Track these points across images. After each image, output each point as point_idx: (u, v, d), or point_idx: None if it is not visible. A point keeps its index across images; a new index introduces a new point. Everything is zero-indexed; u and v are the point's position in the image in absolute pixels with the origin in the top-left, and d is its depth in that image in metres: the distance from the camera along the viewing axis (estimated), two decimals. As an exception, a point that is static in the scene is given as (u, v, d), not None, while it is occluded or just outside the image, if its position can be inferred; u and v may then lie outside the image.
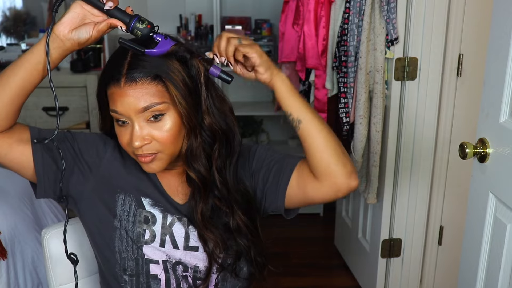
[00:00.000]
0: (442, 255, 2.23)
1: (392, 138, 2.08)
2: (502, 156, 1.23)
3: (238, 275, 1.10)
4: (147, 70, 0.95)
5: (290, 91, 1.00)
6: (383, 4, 1.93)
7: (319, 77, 2.24)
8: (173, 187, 1.11)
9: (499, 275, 1.26)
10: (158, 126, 0.97)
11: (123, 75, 0.95)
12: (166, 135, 0.98)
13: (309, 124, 1.00)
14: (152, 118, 0.97)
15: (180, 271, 1.08)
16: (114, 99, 0.96)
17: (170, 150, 1.00)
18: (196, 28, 3.29)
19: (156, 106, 0.96)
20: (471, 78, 1.99)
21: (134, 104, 0.95)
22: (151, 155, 0.99)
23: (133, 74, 0.95)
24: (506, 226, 1.23)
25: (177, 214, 1.09)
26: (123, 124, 0.99)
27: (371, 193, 2.14)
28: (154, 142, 0.98)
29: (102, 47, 3.13)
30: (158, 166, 1.01)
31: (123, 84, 0.95)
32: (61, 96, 2.91)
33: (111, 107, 0.98)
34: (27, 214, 1.86)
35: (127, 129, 0.98)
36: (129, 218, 1.07)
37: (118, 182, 1.08)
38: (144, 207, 1.08)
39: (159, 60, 0.96)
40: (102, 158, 1.08)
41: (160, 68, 0.96)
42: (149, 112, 0.96)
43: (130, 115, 0.96)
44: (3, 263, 1.69)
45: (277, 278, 2.51)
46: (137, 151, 0.98)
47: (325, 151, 0.99)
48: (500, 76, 1.22)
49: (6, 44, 3.34)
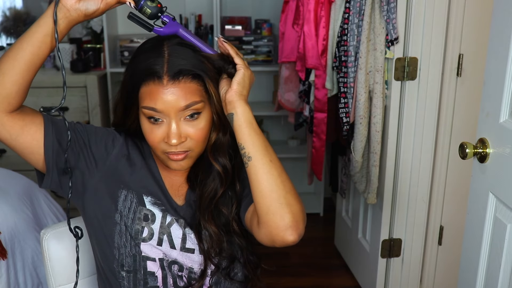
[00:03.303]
0: (442, 255, 2.23)
1: (392, 138, 2.08)
2: (502, 156, 1.23)
3: (232, 278, 1.11)
4: (188, 69, 0.97)
5: (249, 124, 0.96)
6: (383, 4, 1.93)
7: (319, 77, 2.24)
8: (175, 187, 1.12)
9: (499, 275, 1.26)
10: (193, 124, 0.99)
11: (165, 73, 0.95)
12: (200, 133, 1.00)
13: (257, 165, 0.94)
14: (188, 117, 0.99)
15: (176, 270, 1.09)
16: (153, 96, 0.96)
17: (200, 148, 1.03)
18: (196, 28, 3.29)
19: (196, 105, 0.98)
20: (471, 78, 1.99)
21: (175, 102, 0.96)
22: (184, 153, 1.01)
23: (175, 72, 0.96)
24: (506, 226, 1.23)
25: (175, 215, 1.10)
26: (156, 122, 0.99)
27: (371, 193, 2.14)
28: (188, 140, 1.00)
29: (102, 47, 3.13)
30: (187, 163, 1.03)
31: (165, 82, 0.96)
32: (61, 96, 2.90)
33: (146, 104, 0.98)
34: (27, 214, 1.86)
35: (161, 127, 0.99)
36: (129, 215, 1.07)
37: (122, 178, 1.09)
38: (145, 205, 1.09)
39: (194, 59, 0.98)
40: (109, 153, 1.09)
41: (199, 67, 0.98)
42: (188, 110, 0.98)
43: (170, 113, 0.97)
44: (3, 263, 1.69)
45: (277, 278, 2.51)
46: (171, 149, 1.00)
47: (266, 197, 0.93)
48: (500, 76, 1.22)
49: (6, 44, 3.34)
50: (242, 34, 3.22)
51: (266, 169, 0.94)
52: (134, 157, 1.11)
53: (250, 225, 1.03)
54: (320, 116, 2.29)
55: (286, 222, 0.92)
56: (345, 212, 2.71)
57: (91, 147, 1.07)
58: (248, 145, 0.95)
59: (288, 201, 0.93)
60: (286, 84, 2.63)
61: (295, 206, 0.94)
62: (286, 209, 0.92)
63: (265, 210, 0.93)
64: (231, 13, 3.36)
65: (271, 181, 0.93)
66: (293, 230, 0.92)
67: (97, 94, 2.90)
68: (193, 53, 0.99)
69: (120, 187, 1.08)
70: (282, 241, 0.93)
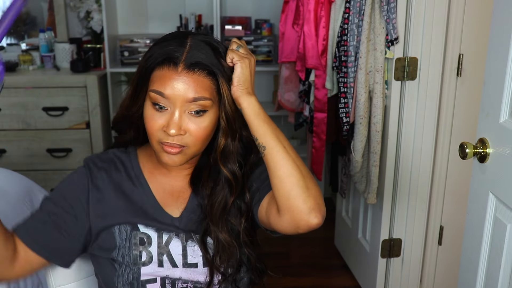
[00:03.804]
0: (442, 255, 2.23)
1: (392, 138, 2.08)
2: (502, 156, 1.23)
3: (238, 286, 1.09)
4: (205, 64, 0.96)
5: (257, 115, 0.97)
6: (383, 4, 1.93)
7: (319, 77, 2.24)
8: (167, 196, 1.10)
9: (499, 275, 1.26)
10: (196, 121, 0.98)
11: (182, 60, 0.95)
12: (201, 132, 0.99)
13: (272, 152, 0.95)
14: (194, 112, 0.97)
15: (180, 284, 1.07)
16: (164, 81, 0.96)
17: (197, 147, 1.01)
18: (196, 28, 3.29)
19: (204, 101, 0.96)
20: (471, 78, 1.99)
21: (185, 91, 0.95)
22: (179, 147, 0.99)
23: (193, 62, 0.95)
24: (506, 226, 1.23)
25: (173, 230, 1.07)
26: (161, 109, 0.97)
27: (371, 193, 2.14)
28: (188, 135, 0.98)
29: (102, 47, 3.13)
30: (180, 160, 1.01)
31: (180, 69, 0.95)
32: (61, 96, 2.91)
33: (155, 87, 0.97)
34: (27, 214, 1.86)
35: (164, 115, 0.97)
36: (125, 244, 1.05)
37: (111, 216, 1.07)
38: (139, 229, 1.06)
39: (214, 58, 0.98)
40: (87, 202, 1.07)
41: (216, 66, 0.97)
42: (195, 104, 0.96)
43: (176, 101, 0.96)
44: (3, 263, 1.69)
45: (277, 278, 2.51)
46: (168, 139, 0.98)
47: (286, 181, 0.93)
48: (500, 76, 1.22)
49: (6, 44, 3.33)
50: (242, 34, 3.22)
51: (281, 155, 0.94)
52: (118, 179, 1.09)
53: (267, 217, 1.01)
54: (320, 116, 2.29)
55: (308, 205, 0.92)
56: (345, 212, 2.71)
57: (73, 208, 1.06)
58: (260, 135, 0.96)
59: (307, 184, 0.93)
60: (286, 84, 2.63)
61: (315, 189, 0.94)
62: (306, 192, 0.93)
63: (286, 195, 0.93)
64: (231, 13, 3.36)
65: (288, 166, 0.94)
66: (316, 212, 0.92)
67: (97, 94, 2.90)
68: (213, 52, 0.98)
69: (112, 225, 1.06)
70: (307, 225, 0.93)
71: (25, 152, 2.97)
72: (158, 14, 3.36)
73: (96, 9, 3.19)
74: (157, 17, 3.37)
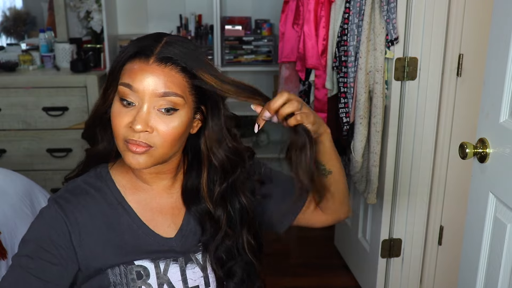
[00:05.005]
0: (442, 255, 2.23)
1: (392, 138, 2.08)
2: (502, 156, 1.23)
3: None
4: (180, 59, 0.91)
5: (332, 147, 1.05)
6: (383, 4, 1.93)
7: (319, 77, 2.24)
8: (156, 215, 1.03)
9: (499, 275, 1.26)
10: (166, 120, 0.91)
11: (154, 53, 0.90)
12: (170, 132, 0.91)
13: (337, 175, 1.09)
14: (163, 110, 0.91)
15: None
16: (134, 73, 0.90)
17: (165, 149, 0.93)
18: (196, 28, 3.29)
19: (175, 97, 0.90)
20: (471, 78, 1.99)
21: (154, 85, 0.89)
22: (145, 146, 0.91)
23: (165, 56, 0.90)
24: (506, 226, 1.23)
25: (169, 254, 1.01)
26: (129, 105, 0.91)
27: (371, 193, 2.14)
28: (155, 134, 0.91)
29: (102, 47, 3.13)
30: (145, 162, 0.92)
31: (152, 61, 0.90)
32: (61, 96, 2.91)
33: (125, 80, 0.91)
34: (27, 214, 1.86)
35: (130, 111, 0.91)
36: (122, 280, 0.97)
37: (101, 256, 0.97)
38: (133, 263, 0.99)
39: (192, 54, 0.93)
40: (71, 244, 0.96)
41: (193, 63, 0.92)
42: (165, 100, 0.90)
43: (145, 96, 0.89)
44: (3, 263, 1.69)
45: (277, 278, 2.51)
46: (133, 136, 0.90)
47: (341, 194, 1.12)
48: (500, 76, 1.22)
49: (6, 44, 3.34)
50: (242, 34, 3.22)
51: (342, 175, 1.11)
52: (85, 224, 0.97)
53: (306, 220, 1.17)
54: (320, 116, 2.29)
55: (350, 207, 1.19)
56: (345, 212, 2.70)
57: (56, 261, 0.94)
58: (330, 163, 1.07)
59: (347, 187, 1.15)
60: (286, 84, 2.63)
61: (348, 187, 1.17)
62: (349, 195, 1.16)
63: (339, 204, 1.14)
64: (231, 13, 3.36)
65: (345, 182, 1.13)
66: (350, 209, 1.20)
67: (97, 94, 2.89)
68: (194, 49, 0.94)
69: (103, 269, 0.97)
70: (346, 217, 1.19)
71: (25, 152, 2.97)
72: (158, 14, 3.36)
73: (96, 9, 3.19)
74: (157, 17, 3.37)
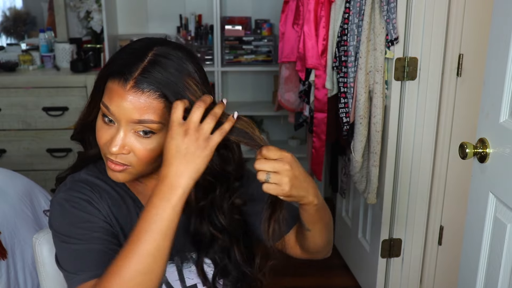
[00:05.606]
0: (442, 255, 2.23)
1: (392, 138, 2.08)
2: (502, 156, 1.23)
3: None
4: (158, 85, 0.88)
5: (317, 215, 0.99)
6: (383, 4, 1.93)
7: (319, 77, 2.24)
8: None
9: (499, 275, 1.26)
10: (142, 142, 0.91)
11: (133, 77, 0.87)
12: (146, 154, 0.91)
13: (316, 236, 1.04)
14: (141, 132, 0.90)
15: None
16: (112, 96, 0.89)
17: (142, 168, 0.94)
18: (196, 28, 3.28)
19: (151, 124, 0.89)
20: (471, 78, 1.99)
21: (130, 112, 0.88)
22: (122, 166, 0.92)
23: (143, 82, 0.87)
24: (506, 226, 1.23)
25: None
26: (110, 122, 0.91)
27: (371, 193, 2.14)
28: (132, 155, 0.92)
29: (102, 47, 3.13)
30: (124, 178, 0.95)
31: (129, 87, 0.87)
32: (61, 96, 2.91)
33: (105, 100, 0.90)
34: (27, 214, 1.86)
35: (110, 129, 0.91)
36: None
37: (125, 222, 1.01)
38: None
39: (174, 77, 0.89)
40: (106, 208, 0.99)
41: (172, 88, 0.88)
42: (141, 126, 0.89)
43: (121, 120, 0.89)
44: (3, 263, 1.69)
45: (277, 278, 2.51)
46: (110, 156, 0.92)
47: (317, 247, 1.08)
48: (500, 76, 1.22)
49: (6, 44, 3.34)
50: (242, 34, 3.21)
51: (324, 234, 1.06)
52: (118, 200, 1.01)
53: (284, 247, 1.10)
54: (320, 116, 2.29)
55: (330, 246, 1.13)
56: (345, 212, 2.71)
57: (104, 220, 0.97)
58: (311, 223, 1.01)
59: (331, 230, 1.10)
60: (286, 84, 2.63)
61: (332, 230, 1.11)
62: (331, 238, 1.11)
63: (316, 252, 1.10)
64: (231, 13, 3.36)
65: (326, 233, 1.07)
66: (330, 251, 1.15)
67: (97, 94, 2.90)
68: (178, 70, 0.90)
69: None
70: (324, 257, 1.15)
71: (25, 152, 2.97)
72: (158, 14, 3.36)
73: (96, 9, 3.19)
74: (157, 17, 3.37)
